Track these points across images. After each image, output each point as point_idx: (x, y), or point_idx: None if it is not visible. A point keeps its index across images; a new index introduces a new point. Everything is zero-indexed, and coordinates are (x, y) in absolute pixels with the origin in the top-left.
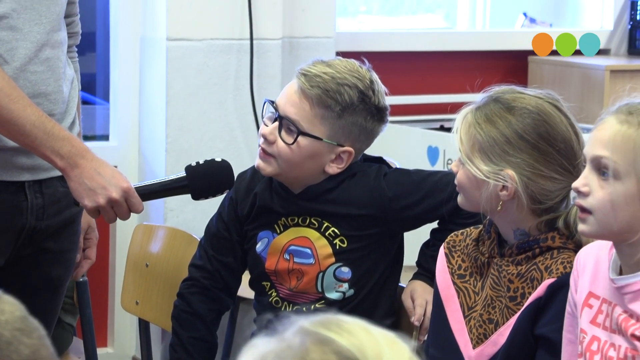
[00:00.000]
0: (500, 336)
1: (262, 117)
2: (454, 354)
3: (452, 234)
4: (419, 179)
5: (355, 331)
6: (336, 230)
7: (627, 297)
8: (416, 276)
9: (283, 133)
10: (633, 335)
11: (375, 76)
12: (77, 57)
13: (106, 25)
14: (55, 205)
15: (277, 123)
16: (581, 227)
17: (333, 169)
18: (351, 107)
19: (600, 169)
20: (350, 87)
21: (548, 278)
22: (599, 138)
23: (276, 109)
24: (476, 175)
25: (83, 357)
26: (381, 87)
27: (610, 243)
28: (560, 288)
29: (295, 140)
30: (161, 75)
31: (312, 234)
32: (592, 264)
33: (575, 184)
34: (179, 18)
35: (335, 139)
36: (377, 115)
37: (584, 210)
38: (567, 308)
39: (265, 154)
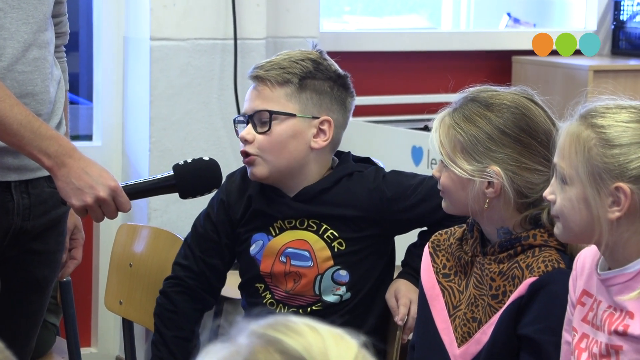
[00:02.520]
0: (484, 334)
1: (237, 136)
2: (439, 353)
3: (437, 233)
4: (416, 182)
5: (302, 330)
6: (335, 233)
7: (613, 289)
8: (401, 275)
9: (257, 127)
10: (615, 332)
11: (324, 52)
12: (65, 57)
13: (89, 24)
14: (42, 205)
15: (250, 124)
16: (555, 232)
17: (319, 143)
18: (310, 76)
19: (556, 175)
20: (302, 60)
21: (529, 276)
22: (557, 145)
23: (244, 115)
24: (461, 176)
25: (66, 357)
26: (333, 60)
27: None
28: (542, 287)
29: (269, 125)
30: (145, 75)
31: (311, 236)
32: (590, 264)
33: (544, 193)
34: (163, 18)
35: (308, 112)
36: (339, 81)
37: (554, 216)
38: (568, 309)
39: (250, 157)
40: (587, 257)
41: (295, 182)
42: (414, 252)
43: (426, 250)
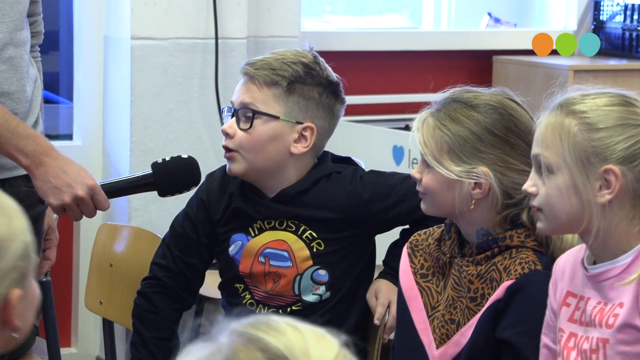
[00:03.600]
0: (462, 336)
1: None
2: (418, 354)
3: (415, 234)
4: (394, 182)
5: (283, 329)
6: (314, 234)
7: (606, 284)
8: (382, 275)
9: (241, 122)
10: (607, 324)
11: (318, 56)
12: (40, 57)
13: (70, 24)
14: (19, 204)
15: (234, 118)
16: (537, 225)
17: (298, 148)
18: (299, 80)
19: (539, 166)
20: (294, 62)
21: (507, 279)
22: (535, 137)
23: (232, 106)
24: (448, 177)
25: (46, 357)
26: (327, 65)
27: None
28: (519, 290)
29: (251, 122)
30: (126, 75)
31: (290, 237)
32: (571, 266)
33: (524, 187)
34: (144, 17)
35: (293, 116)
36: (330, 88)
37: (536, 208)
38: (547, 313)
39: (229, 152)
40: (567, 260)
41: (274, 183)
42: (395, 252)
43: (404, 250)
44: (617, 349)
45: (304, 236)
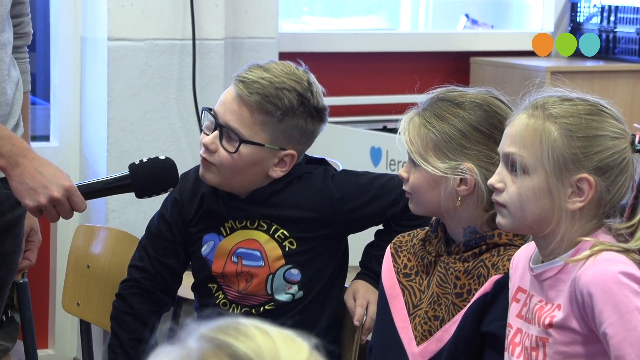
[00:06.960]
0: (446, 332)
1: (201, 126)
2: (397, 352)
3: (399, 235)
4: (366, 181)
5: (252, 334)
6: (285, 233)
7: (545, 283)
8: (359, 276)
9: (224, 142)
10: (544, 324)
11: (312, 77)
12: (27, 58)
13: (46, 24)
14: None
15: (217, 132)
16: (498, 219)
17: (277, 172)
18: (291, 111)
19: (511, 164)
20: (289, 90)
21: (495, 274)
22: (508, 134)
23: (215, 117)
24: (434, 174)
25: (24, 359)
26: (318, 87)
27: None
28: (507, 284)
29: (237, 148)
30: (102, 76)
31: (261, 236)
32: (523, 261)
33: (490, 181)
34: (121, 18)
35: (277, 143)
36: (317, 116)
37: (499, 204)
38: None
39: (207, 163)
40: (521, 255)
41: (246, 189)
42: (371, 252)
43: (388, 250)
44: (555, 349)
45: (276, 235)
